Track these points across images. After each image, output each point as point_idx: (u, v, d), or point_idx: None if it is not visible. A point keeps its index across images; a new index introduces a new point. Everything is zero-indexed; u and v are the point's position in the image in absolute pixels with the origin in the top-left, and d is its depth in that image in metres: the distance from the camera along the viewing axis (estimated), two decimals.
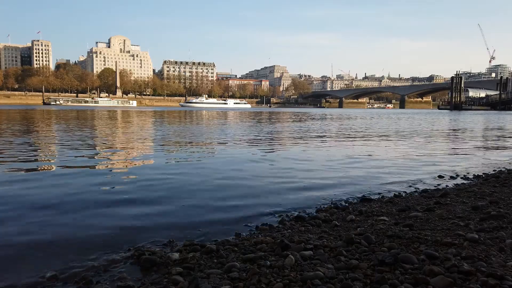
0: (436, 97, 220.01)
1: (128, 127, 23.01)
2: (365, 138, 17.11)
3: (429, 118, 44.97)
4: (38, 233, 4.00)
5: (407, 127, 26.82)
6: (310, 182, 6.84)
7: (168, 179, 6.93)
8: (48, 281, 2.96)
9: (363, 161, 9.57)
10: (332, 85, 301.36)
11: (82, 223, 4.35)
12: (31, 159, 9.27)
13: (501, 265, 2.84)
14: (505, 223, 3.96)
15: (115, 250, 3.55)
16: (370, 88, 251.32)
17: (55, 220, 4.47)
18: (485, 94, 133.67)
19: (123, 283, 2.89)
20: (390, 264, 2.89)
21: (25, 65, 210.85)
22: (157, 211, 4.84)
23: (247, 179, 7.11)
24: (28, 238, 3.86)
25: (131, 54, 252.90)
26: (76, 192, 5.78)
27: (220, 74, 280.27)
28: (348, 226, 4.18)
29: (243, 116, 46.98)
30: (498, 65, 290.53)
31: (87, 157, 9.84)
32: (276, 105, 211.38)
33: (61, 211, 4.81)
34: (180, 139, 15.08)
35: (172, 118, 37.89)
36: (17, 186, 6.21)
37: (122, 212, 4.79)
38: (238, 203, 5.28)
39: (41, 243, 3.72)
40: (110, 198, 5.49)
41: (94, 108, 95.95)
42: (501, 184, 6.40)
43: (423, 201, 5.30)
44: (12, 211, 4.77)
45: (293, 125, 28.42)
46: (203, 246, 3.53)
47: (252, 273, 2.84)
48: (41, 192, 5.77)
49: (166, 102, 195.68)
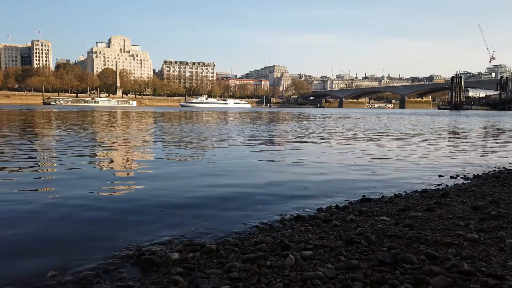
0: (436, 97, 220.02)
1: (128, 127, 23.00)
2: (365, 138, 17.11)
3: (429, 118, 44.96)
4: (38, 233, 3.99)
5: (407, 127, 26.81)
6: (310, 182, 6.84)
7: (168, 179, 6.93)
8: (48, 281, 2.96)
9: (363, 161, 9.56)
10: (332, 85, 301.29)
11: (82, 222, 4.35)
12: (32, 159, 9.27)
13: (501, 265, 2.84)
14: (505, 223, 3.96)
15: (115, 250, 3.55)
16: (370, 88, 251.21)
17: (55, 220, 4.46)
18: (485, 94, 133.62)
19: (123, 283, 2.89)
20: (390, 264, 2.89)
21: (25, 65, 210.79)
22: (157, 211, 4.83)
23: (247, 178, 7.11)
24: (28, 237, 3.86)
25: (131, 54, 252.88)
26: (76, 192, 5.78)
27: (220, 74, 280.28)
28: (348, 226, 4.18)
29: (243, 116, 46.97)
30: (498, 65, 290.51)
31: (87, 157, 9.84)
32: (276, 105, 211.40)
33: (61, 210, 4.81)
34: (180, 139, 15.08)
35: (172, 118, 37.88)
36: (17, 186, 6.21)
37: (121, 212, 4.78)
38: (238, 203, 5.27)
39: (41, 243, 3.72)
40: (110, 198, 5.49)
41: (94, 108, 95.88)
42: (501, 184, 6.40)
43: (423, 201, 5.30)
44: (12, 211, 4.77)
45: (293, 125, 28.43)
46: (203, 246, 3.53)
47: (252, 273, 2.84)
48: (40, 192, 5.77)
49: (166, 102, 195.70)
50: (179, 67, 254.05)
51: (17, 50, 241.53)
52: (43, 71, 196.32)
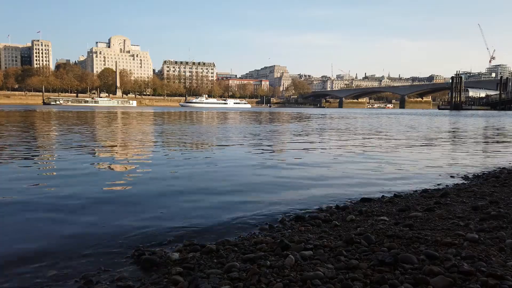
0: (436, 97, 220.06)
1: (128, 127, 22.99)
2: (364, 138, 17.11)
3: (429, 118, 44.95)
4: (37, 233, 3.99)
5: (406, 127, 26.81)
6: (310, 181, 6.84)
7: (168, 179, 6.93)
8: (48, 281, 2.96)
9: (363, 161, 9.57)
10: (332, 85, 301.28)
11: (81, 222, 4.35)
12: (32, 160, 9.27)
13: (501, 265, 2.84)
14: (505, 223, 3.96)
15: (115, 250, 3.55)
16: (370, 88, 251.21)
17: (55, 219, 4.46)
18: (485, 94, 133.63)
19: (123, 283, 2.89)
20: (390, 264, 2.89)
21: (25, 65, 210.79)
22: (157, 211, 4.83)
23: (247, 178, 7.11)
24: (28, 237, 3.85)
25: (131, 54, 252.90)
26: (75, 192, 5.78)
27: (220, 74, 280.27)
28: (348, 226, 4.18)
29: (243, 116, 46.96)
30: (498, 65, 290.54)
31: (86, 157, 9.84)
32: (276, 105, 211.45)
33: (61, 210, 4.81)
34: (180, 139, 15.07)
35: (172, 118, 37.87)
36: (17, 186, 6.21)
37: (121, 212, 4.78)
38: (238, 203, 5.27)
39: (41, 243, 3.71)
40: (110, 198, 5.49)
41: (94, 108, 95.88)
42: (501, 184, 6.40)
43: (423, 201, 5.30)
44: (13, 211, 4.77)
45: (293, 125, 28.43)
46: (203, 246, 3.53)
47: (252, 273, 2.84)
48: (40, 192, 5.77)
49: (166, 102, 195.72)
50: (179, 67, 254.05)
51: (17, 50, 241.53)
52: (43, 71, 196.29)
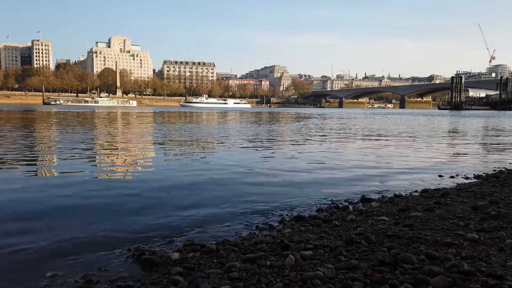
0: (436, 97, 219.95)
1: (128, 128, 22.99)
2: (364, 138, 17.11)
3: (429, 118, 44.95)
4: (37, 233, 3.99)
5: (407, 127, 26.81)
6: (310, 182, 6.84)
7: (168, 179, 6.92)
8: (48, 281, 2.96)
9: (363, 160, 9.57)
10: (332, 85, 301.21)
11: (81, 222, 4.35)
12: (32, 160, 9.27)
13: (501, 265, 2.84)
14: (505, 223, 3.96)
15: (115, 250, 3.55)
16: (370, 88, 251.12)
17: (55, 220, 4.47)
18: (485, 94, 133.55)
19: (123, 283, 2.89)
20: (390, 264, 2.89)
21: (25, 65, 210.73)
22: (157, 211, 4.83)
23: (247, 178, 7.11)
24: (27, 237, 3.85)
25: (131, 54, 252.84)
26: (75, 193, 5.78)
27: (220, 74, 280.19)
28: (348, 226, 4.18)
29: (243, 116, 46.97)
30: (498, 65, 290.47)
31: (86, 158, 9.84)
32: (276, 105, 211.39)
33: (60, 211, 4.81)
34: (179, 139, 15.07)
35: (172, 118, 37.87)
36: (17, 187, 6.21)
37: (121, 212, 4.78)
38: (238, 203, 5.27)
39: (40, 243, 3.72)
40: (109, 198, 5.49)
41: (94, 108, 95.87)
42: (501, 184, 6.40)
43: (423, 201, 5.30)
44: (12, 211, 4.77)
45: (293, 125, 28.42)
46: (203, 246, 3.53)
47: (252, 273, 2.84)
48: (40, 193, 5.77)
49: (166, 102, 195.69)
50: (179, 67, 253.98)
51: (17, 50, 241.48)
52: (43, 71, 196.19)
